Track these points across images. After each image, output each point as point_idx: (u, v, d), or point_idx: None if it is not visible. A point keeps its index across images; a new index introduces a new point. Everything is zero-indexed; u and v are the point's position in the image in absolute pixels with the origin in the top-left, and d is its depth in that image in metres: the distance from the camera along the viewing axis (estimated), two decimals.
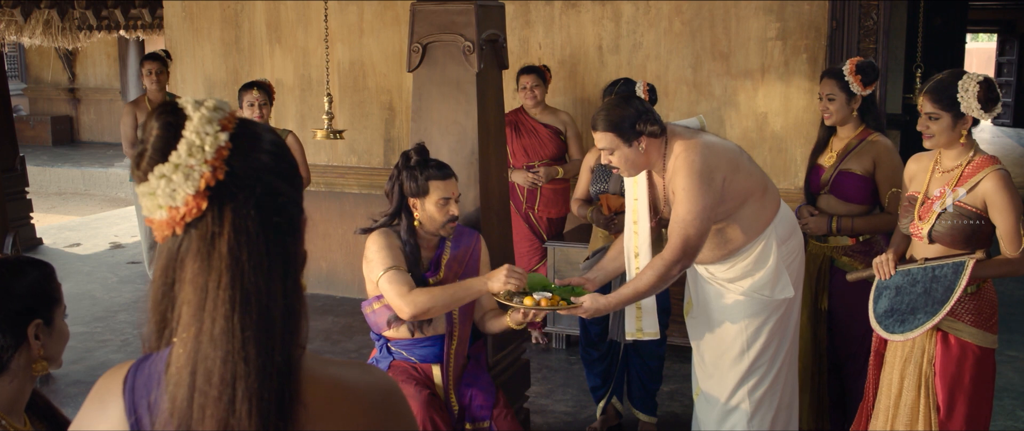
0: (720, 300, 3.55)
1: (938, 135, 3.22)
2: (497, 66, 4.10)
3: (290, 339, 1.15)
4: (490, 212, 4.02)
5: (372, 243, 3.44)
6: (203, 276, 1.12)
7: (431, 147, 3.97)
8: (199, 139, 1.12)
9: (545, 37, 6.28)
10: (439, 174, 3.42)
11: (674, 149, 3.38)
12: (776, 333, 3.55)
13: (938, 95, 3.19)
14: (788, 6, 5.70)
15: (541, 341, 5.97)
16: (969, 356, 3.22)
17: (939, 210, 3.20)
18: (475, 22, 3.83)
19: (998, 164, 3.19)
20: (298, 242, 1.21)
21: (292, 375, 1.15)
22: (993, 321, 3.26)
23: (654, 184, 3.59)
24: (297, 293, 1.18)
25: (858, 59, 3.92)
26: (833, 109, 3.92)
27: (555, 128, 5.74)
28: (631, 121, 3.34)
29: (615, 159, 3.41)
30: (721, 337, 3.56)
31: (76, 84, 17.87)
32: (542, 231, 5.83)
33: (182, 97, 1.18)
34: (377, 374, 1.26)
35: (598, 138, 3.41)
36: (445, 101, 3.94)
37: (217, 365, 1.11)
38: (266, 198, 1.16)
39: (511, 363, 4.20)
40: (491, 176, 4.04)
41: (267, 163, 1.18)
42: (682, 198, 3.30)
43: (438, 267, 3.53)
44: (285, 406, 1.12)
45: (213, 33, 7.27)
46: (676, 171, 3.33)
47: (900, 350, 3.35)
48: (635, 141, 3.35)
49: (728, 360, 3.55)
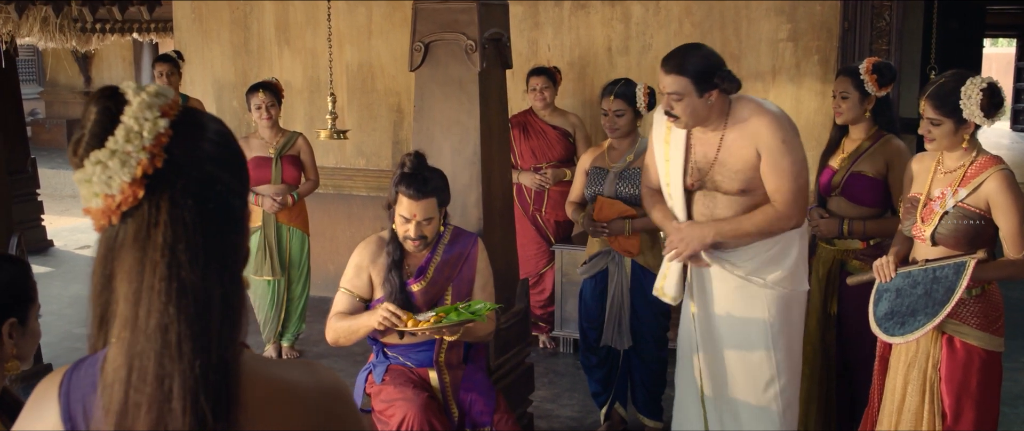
0: (741, 294, 3.42)
1: (940, 140, 3.16)
2: (500, 66, 4.05)
3: (228, 336, 1.11)
4: (493, 213, 3.96)
5: (354, 252, 3.45)
6: (138, 268, 1.08)
7: (433, 147, 3.92)
8: (137, 125, 1.08)
9: (554, 38, 6.23)
10: (408, 191, 3.31)
11: (744, 107, 3.27)
12: (797, 329, 3.50)
13: (940, 101, 3.12)
14: (799, 7, 5.63)
15: (549, 345, 5.91)
16: (975, 360, 3.14)
17: (941, 211, 3.12)
18: (478, 21, 3.78)
19: (1002, 164, 3.12)
20: (240, 235, 1.17)
21: (230, 373, 1.10)
22: (999, 324, 3.18)
23: (693, 144, 3.41)
24: (237, 288, 1.14)
25: (875, 59, 3.85)
26: (845, 108, 3.85)
27: (564, 130, 5.68)
28: (712, 70, 3.20)
29: (679, 107, 3.25)
30: (743, 336, 3.44)
31: (91, 87, 17.93)
32: (550, 234, 5.76)
33: (193, 99, 1.14)
34: (322, 374, 1.21)
35: (669, 82, 3.23)
36: (447, 101, 3.89)
37: (152, 362, 1.06)
38: (206, 188, 1.12)
39: (513, 367, 4.14)
40: (494, 177, 3.99)
41: (209, 152, 1.13)
42: (783, 149, 3.20)
43: (425, 273, 3.44)
44: (222, 405, 1.08)
45: (222, 35, 7.26)
46: (762, 127, 3.23)
47: (904, 355, 3.27)
48: (707, 93, 3.22)
49: (753, 360, 3.45)
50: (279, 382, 1.17)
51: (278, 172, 5.53)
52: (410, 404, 3.30)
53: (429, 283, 3.43)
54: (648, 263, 4.36)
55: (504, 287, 4.06)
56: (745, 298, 3.41)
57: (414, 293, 3.41)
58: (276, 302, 5.65)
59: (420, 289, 3.41)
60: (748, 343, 3.43)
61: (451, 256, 3.48)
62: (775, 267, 3.36)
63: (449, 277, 3.47)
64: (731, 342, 3.47)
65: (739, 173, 3.31)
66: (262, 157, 5.55)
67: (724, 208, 3.37)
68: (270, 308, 5.66)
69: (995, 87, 3.09)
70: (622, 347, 4.50)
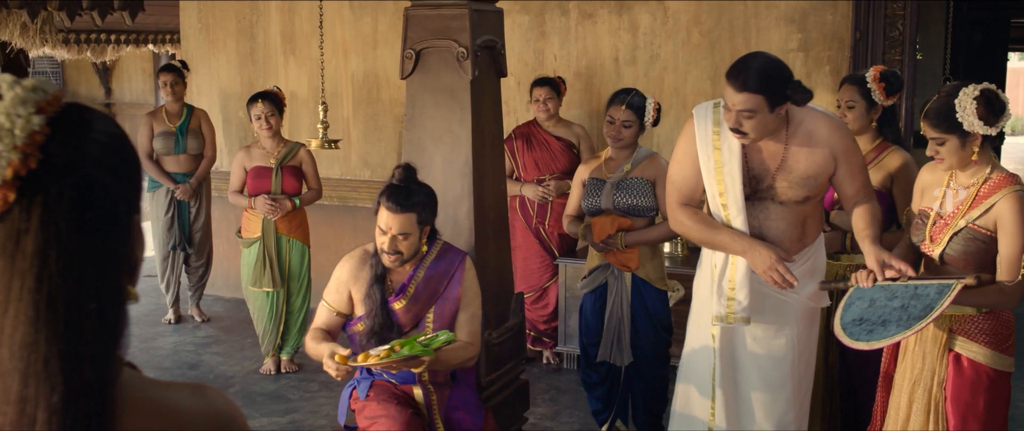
0: (780, 307, 3.26)
1: (949, 157, 3.01)
2: (495, 74, 3.95)
3: (105, 354, 1.00)
4: (485, 226, 3.85)
5: (339, 263, 3.37)
6: (6, 278, 0.98)
7: (424, 157, 3.82)
8: (9, 122, 0.98)
9: (561, 49, 6.13)
10: (388, 203, 3.20)
11: (801, 113, 3.15)
12: (814, 346, 3.41)
13: (937, 119, 2.98)
14: (810, 16, 5.50)
15: (553, 361, 5.78)
16: (983, 380, 3.00)
17: (952, 232, 2.99)
18: (470, 27, 3.68)
19: (1018, 184, 2.96)
20: (123, 244, 1.06)
21: (105, 395, 1.00)
22: (1010, 343, 3.04)
23: (750, 152, 3.20)
24: (116, 302, 1.03)
25: (882, 67, 3.72)
26: (851, 117, 3.72)
27: (568, 141, 5.57)
28: (784, 83, 3.02)
29: (749, 124, 3.05)
30: (771, 352, 3.28)
31: (112, 99, 18.01)
32: (553, 247, 5.64)
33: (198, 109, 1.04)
34: (211, 398, 1.12)
35: (741, 99, 3.00)
36: (439, 109, 3.79)
37: (16, 381, 0.96)
38: (87, 193, 1.01)
39: (507, 384, 4.02)
40: (487, 188, 3.88)
41: (93, 154, 1.03)
42: (855, 148, 3.22)
43: (405, 290, 3.32)
44: (95, 430, 0.97)
45: (228, 44, 7.21)
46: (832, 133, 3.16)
47: (909, 372, 3.13)
48: (779, 107, 3.06)
49: (777, 377, 3.30)
50: (163, 407, 1.08)
51: (278, 182, 5.46)
52: (393, 421, 3.20)
53: (410, 301, 3.31)
54: (648, 276, 4.25)
55: (498, 302, 3.95)
56: (784, 310, 3.27)
57: (396, 311, 3.30)
58: (275, 314, 5.57)
59: (401, 307, 3.31)
60: (774, 359, 3.29)
61: (435, 273, 3.35)
62: (810, 280, 3.26)
63: (432, 295, 3.34)
64: (758, 356, 3.30)
65: (809, 179, 3.18)
66: (263, 167, 5.48)
67: (776, 219, 3.23)
68: (269, 320, 5.58)
69: (990, 93, 2.94)
70: (622, 363, 4.39)
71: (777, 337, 3.28)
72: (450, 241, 3.82)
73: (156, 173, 6.48)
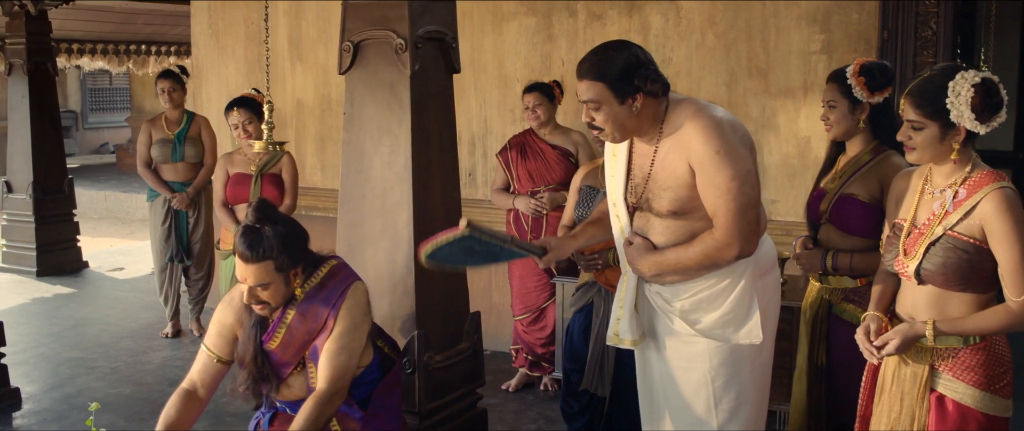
0: (673, 339, 2.84)
1: (920, 149, 2.53)
2: (445, 69, 3.58)
3: None
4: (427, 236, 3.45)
5: (218, 306, 3.00)
6: None
7: (362, 160, 3.48)
8: None
9: (568, 52, 5.73)
10: (240, 249, 2.74)
11: (681, 112, 2.68)
12: (758, 390, 2.87)
13: (922, 99, 2.51)
14: (834, 16, 4.99)
15: (550, 387, 5.35)
16: (972, 425, 2.50)
17: (928, 242, 2.50)
18: (408, 16, 3.33)
19: (1002, 181, 2.47)
20: None
21: None
22: (1005, 382, 2.53)
23: (633, 155, 2.85)
24: None
25: (864, 59, 3.23)
26: (833, 119, 3.25)
27: (564, 149, 5.14)
28: (628, 72, 2.63)
29: (600, 118, 2.70)
30: (682, 386, 2.85)
31: None
32: (551, 265, 5.21)
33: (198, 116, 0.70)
34: None
35: (583, 88, 2.70)
36: (378, 107, 3.44)
37: None
38: None
39: (457, 413, 3.62)
40: (432, 196, 3.50)
41: None
42: (717, 162, 2.59)
43: (275, 330, 2.86)
44: None
45: (237, 51, 7.01)
46: (694, 136, 2.63)
47: (887, 416, 2.64)
48: (629, 98, 2.66)
49: (691, 417, 2.88)
50: None
51: (257, 190, 5.17)
52: None
53: (282, 344, 2.86)
54: None
55: (445, 322, 3.57)
56: (683, 345, 2.82)
57: (272, 351, 2.87)
58: None
59: (275, 347, 2.87)
60: (685, 396, 2.84)
61: (313, 305, 2.85)
62: (710, 309, 2.75)
63: (303, 339, 2.86)
64: (669, 390, 2.88)
65: (669, 191, 2.71)
66: (242, 174, 5.21)
67: (658, 233, 2.77)
68: None
69: (991, 84, 2.46)
70: (604, 393, 3.96)
71: (687, 377, 2.82)
72: (389, 253, 3.46)
73: (154, 182, 6.28)
